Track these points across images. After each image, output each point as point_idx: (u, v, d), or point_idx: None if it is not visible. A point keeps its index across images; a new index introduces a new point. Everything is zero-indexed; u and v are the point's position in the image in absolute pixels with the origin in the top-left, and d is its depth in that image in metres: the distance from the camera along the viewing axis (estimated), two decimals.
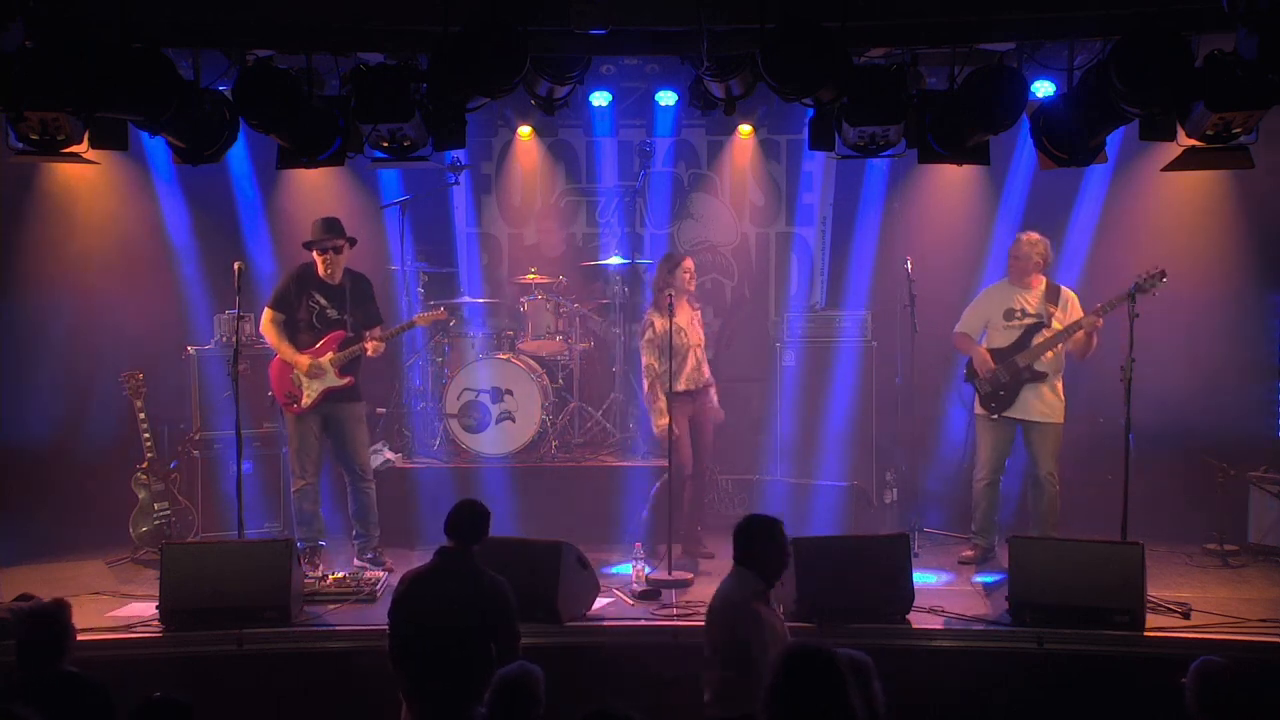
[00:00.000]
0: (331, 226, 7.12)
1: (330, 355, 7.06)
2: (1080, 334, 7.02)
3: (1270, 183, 7.14)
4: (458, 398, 8.15)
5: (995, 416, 7.20)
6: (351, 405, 7.21)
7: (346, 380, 7.09)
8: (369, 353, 7.14)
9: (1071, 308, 7.19)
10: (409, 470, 8.15)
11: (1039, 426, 7.14)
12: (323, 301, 7.11)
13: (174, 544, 6.79)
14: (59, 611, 4.66)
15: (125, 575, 7.19)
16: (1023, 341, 7.16)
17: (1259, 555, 7.38)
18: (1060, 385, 7.17)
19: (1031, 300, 7.21)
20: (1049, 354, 7.10)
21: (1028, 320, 7.18)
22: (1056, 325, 7.11)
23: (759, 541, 4.77)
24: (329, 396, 7.08)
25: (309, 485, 7.14)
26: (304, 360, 7.03)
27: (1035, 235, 7.30)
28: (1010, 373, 7.15)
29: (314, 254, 7.10)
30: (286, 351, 7.07)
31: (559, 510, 7.69)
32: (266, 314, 7.17)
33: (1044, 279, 7.25)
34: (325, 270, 7.10)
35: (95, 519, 7.78)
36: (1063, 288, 7.27)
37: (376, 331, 7.23)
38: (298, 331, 7.11)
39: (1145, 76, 5.15)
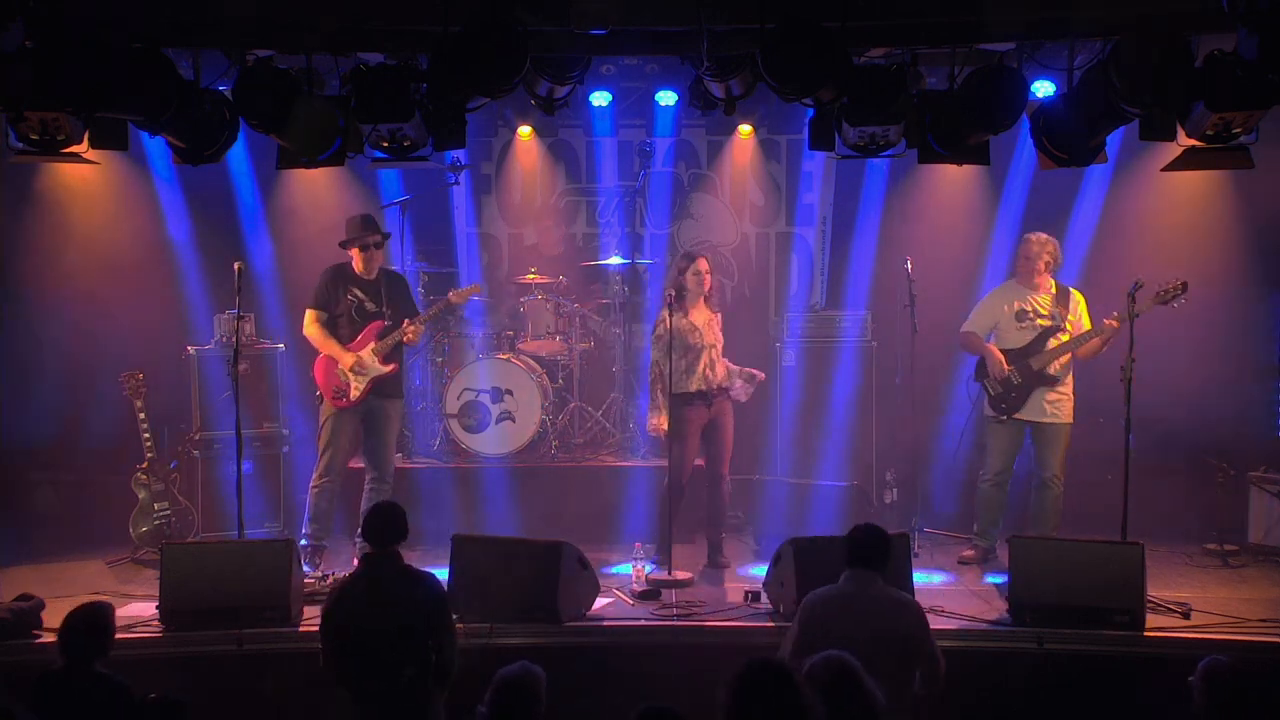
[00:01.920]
0: (370, 223, 7.18)
1: (371, 345, 7.08)
2: (1096, 340, 7.00)
3: (1270, 182, 7.14)
4: (458, 398, 8.15)
5: (1005, 418, 7.18)
6: (394, 402, 7.28)
7: (391, 367, 7.12)
8: (407, 338, 7.16)
9: (1080, 311, 7.17)
10: (409, 470, 8.13)
11: (1049, 428, 7.12)
12: (360, 295, 7.13)
13: (174, 544, 6.78)
14: (102, 612, 4.74)
15: (125, 575, 7.18)
16: (1037, 344, 7.12)
17: (1259, 555, 7.38)
18: (1070, 386, 7.15)
19: (1043, 302, 7.17)
20: (1064, 358, 7.08)
21: (1041, 322, 7.15)
22: (1069, 329, 7.09)
23: (883, 546, 4.89)
24: (376, 388, 7.09)
25: (331, 484, 7.13)
26: (348, 358, 7.04)
27: (1044, 235, 7.26)
28: (1023, 374, 7.11)
29: (352, 251, 7.13)
30: (332, 349, 7.08)
31: (559, 510, 7.69)
32: (309, 315, 7.15)
33: (1053, 280, 7.22)
34: (363, 266, 7.13)
35: (95, 519, 7.78)
36: (1071, 289, 7.24)
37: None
38: (337, 327, 7.13)
39: (1145, 76, 5.16)
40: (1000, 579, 6.78)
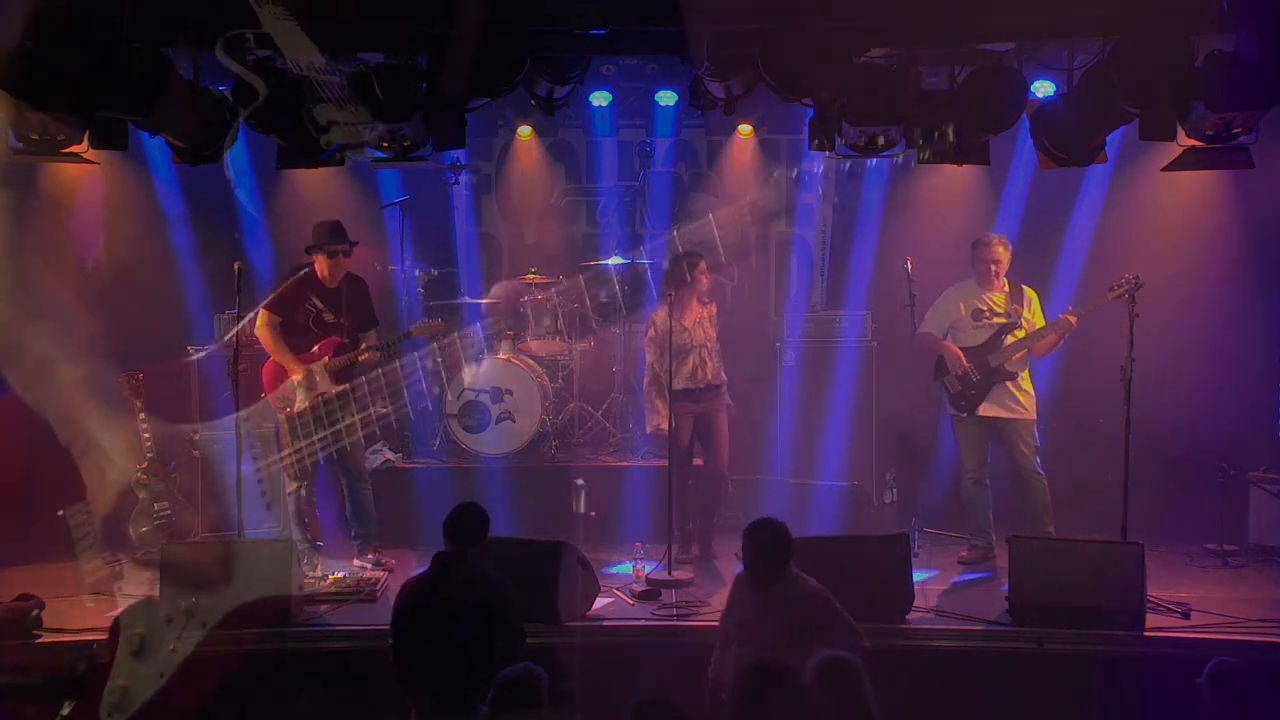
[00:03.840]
0: (338, 230, 7.07)
1: (325, 360, 7.02)
2: (1051, 335, 7.06)
3: (1270, 182, 7.14)
4: (458, 398, 8.15)
5: (965, 415, 7.23)
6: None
7: (341, 388, 7.04)
8: (363, 359, 7.12)
9: (1034, 307, 7.26)
10: (409, 470, 8.15)
11: (1012, 424, 7.17)
12: (320, 305, 7.05)
13: (174, 544, 6.78)
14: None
15: (125, 575, 7.17)
16: (994, 341, 7.19)
17: (1259, 555, 7.38)
18: (1028, 381, 7.21)
19: (998, 300, 7.25)
20: (1020, 354, 7.14)
21: (998, 320, 7.22)
22: (1025, 325, 7.14)
23: (782, 544, 5.03)
24: (321, 399, 7.04)
25: (303, 487, 7.12)
26: (299, 370, 6.98)
27: (1001, 237, 7.38)
28: (982, 372, 7.18)
29: (315, 257, 7.04)
30: (284, 358, 7.01)
31: (559, 510, 7.68)
32: (262, 316, 7.05)
33: (1006, 280, 7.28)
34: (327, 274, 7.04)
35: (95, 519, 7.77)
36: (1024, 287, 7.33)
37: (372, 338, 7.20)
38: (294, 335, 7.04)
39: (1145, 76, 5.16)
40: (983, 575, 6.85)
